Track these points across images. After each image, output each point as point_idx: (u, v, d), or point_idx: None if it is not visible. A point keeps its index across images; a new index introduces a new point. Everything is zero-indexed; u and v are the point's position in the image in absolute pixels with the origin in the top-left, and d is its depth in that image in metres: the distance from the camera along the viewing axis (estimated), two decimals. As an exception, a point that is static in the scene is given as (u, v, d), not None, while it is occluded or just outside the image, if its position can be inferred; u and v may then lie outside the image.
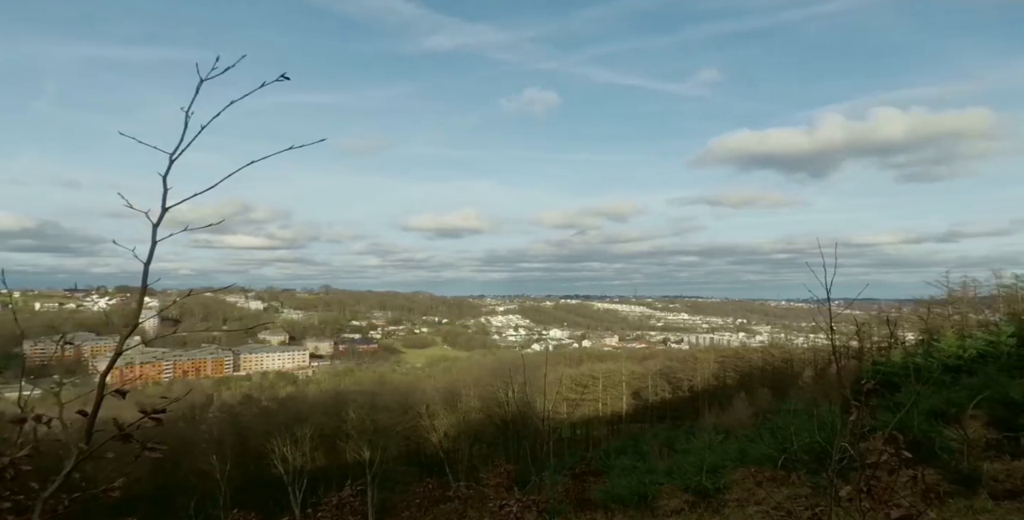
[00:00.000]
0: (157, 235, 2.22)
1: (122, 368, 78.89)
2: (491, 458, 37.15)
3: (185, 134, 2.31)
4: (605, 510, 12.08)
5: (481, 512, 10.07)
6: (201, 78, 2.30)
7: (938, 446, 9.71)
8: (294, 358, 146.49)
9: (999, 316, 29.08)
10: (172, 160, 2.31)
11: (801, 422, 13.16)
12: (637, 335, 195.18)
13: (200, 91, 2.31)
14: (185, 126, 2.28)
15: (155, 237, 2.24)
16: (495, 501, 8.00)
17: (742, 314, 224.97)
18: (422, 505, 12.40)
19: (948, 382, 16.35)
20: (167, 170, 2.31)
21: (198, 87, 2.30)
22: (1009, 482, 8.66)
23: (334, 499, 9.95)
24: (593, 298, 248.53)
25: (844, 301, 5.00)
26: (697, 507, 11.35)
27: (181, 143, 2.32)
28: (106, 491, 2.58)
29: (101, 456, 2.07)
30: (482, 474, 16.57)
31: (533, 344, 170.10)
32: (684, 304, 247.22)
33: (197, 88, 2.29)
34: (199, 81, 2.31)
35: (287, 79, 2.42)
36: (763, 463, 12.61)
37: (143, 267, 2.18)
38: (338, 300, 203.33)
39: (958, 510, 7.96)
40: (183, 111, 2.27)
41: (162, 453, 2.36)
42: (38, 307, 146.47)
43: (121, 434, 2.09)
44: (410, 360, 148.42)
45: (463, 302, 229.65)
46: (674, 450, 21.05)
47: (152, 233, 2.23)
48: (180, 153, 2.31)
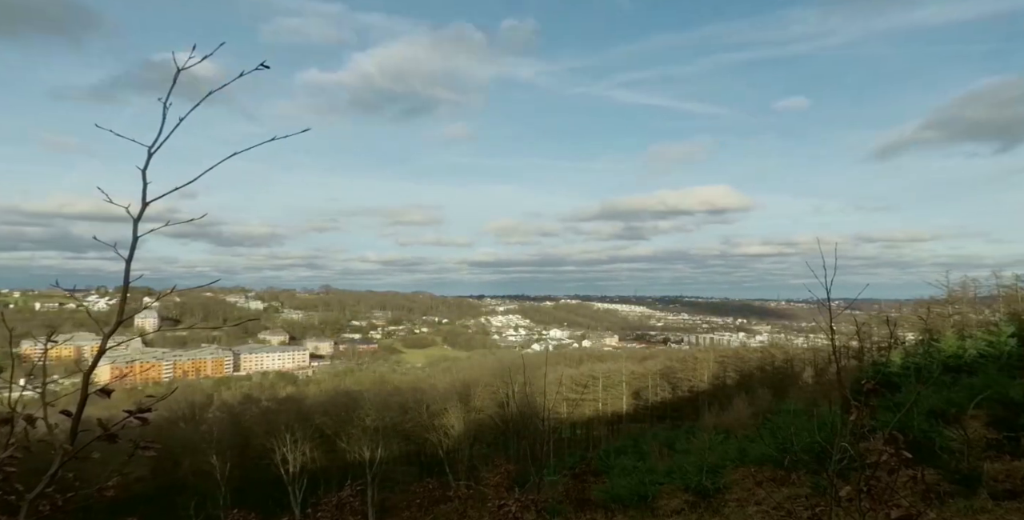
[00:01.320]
0: (139, 230, 2.16)
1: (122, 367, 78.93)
2: (491, 458, 37.11)
3: (163, 126, 2.22)
4: (605, 510, 12.06)
5: (481, 512, 10.04)
6: (178, 68, 2.21)
7: (938, 446, 9.68)
8: (294, 358, 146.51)
9: (999, 316, 29.04)
10: (151, 153, 2.22)
11: (801, 422, 13.12)
12: (637, 335, 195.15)
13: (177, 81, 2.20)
14: (163, 118, 2.20)
15: (136, 233, 2.18)
16: (494, 501, 7.97)
17: (742, 314, 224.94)
18: (422, 505, 12.36)
19: (948, 382, 16.32)
20: (146, 163, 2.22)
21: (175, 77, 2.21)
22: (1009, 482, 8.63)
23: (334, 499, 9.90)
24: (593, 298, 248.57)
25: (844, 301, 4.98)
26: (697, 507, 11.33)
27: (159, 136, 2.24)
28: (100, 490, 2.56)
29: (87, 456, 2.04)
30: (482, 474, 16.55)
31: (533, 344, 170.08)
32: (684, 304, 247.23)
33: (174, 78, 2.21)
34: (176, 71, 2.22)
35: (266, 68, 2.35)
36: (763, 463, 12.58)
37: (125, 264, 2.11)
38: (338, 300, 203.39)
39: (958, 510, 7.93)
40: (160, 102, 2.19)
41: (162, 453, 2.34)
42: (38, 307, 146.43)
43: (106, 434, 2.06)
44: (410, 360, 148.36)
45: (463, 302, 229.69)
46: (674, 450, 21.01)
47: (133, 229, 2.17)
48: (159, 146, 2.22)
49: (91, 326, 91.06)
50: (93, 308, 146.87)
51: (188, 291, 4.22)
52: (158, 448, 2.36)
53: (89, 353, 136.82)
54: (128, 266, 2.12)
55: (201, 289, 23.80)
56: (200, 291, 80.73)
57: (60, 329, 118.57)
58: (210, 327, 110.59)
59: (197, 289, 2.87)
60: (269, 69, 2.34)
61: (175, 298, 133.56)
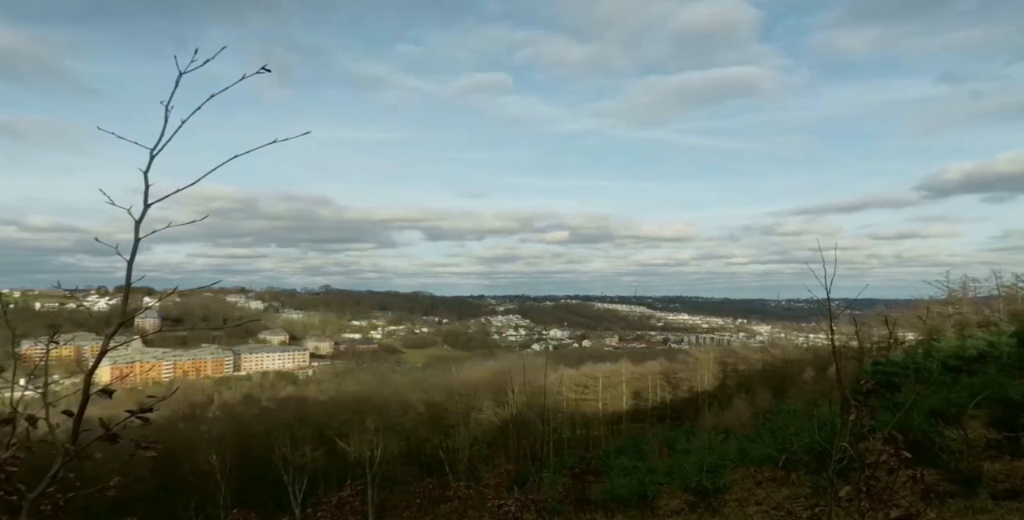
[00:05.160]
0: (140, 232, 2.18)
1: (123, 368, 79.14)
2: (491, 458, 37.20)
3: (165, 129, 2.25)
4: (605, 510, 12.07)
5: (481, 512, 10.05)
6: (180, 71, 2.23)
7: (938, 446, 9.68)
8: (294, 358, 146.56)
9: (1000, 316, 29.05)
10: (153, 156, 2.25)
11: (801, 422, 13.14)
12: (637, 335, 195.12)
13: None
14: (165, 121, 2.23)
15: (138, 234, 2.20)
16: (494, 501, 7.98)
17: (742, 314, 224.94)
18: (422, 505, 12.37)
19: (948, 382, 16.31)
20: (148, 166, 2.26)
21: (177, 80, 2.24)
22: (1009, 482, 8.64)
23: (334, 499, 9.91)
24: (593, 298, 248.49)
25: (844, 301, 4.99)
26: (697, 507, 11.34)
27: (162, 138, 2.27)
28: (102, 490, 2.57)
29: (88, 456, 2.05)
30: (482, 474, 16.55)
31: (533, 344, 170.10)
32: (684, 304, 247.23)
33: (176, 81, 2.24)
34: (178, 74, 2.25)
35: (267, 71, 2.37)
36: (763, 463, 12.59)
37: (127, 264, 2.13)
38: (338, 300, 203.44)
39: (958, 510, 7.94)
40: (162, 105, 2.22)
41: (162, 453, 2.34)
42: (38, 307, 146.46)
43: (107, 434, 2.07)
44: (410, 360, 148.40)
45: (463, 302, 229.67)
46: (674, 450, 21.00)
47: (135, 230, 2.19)
48: (161, 148, 2.25)
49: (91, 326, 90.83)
50: (93, 308, 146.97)
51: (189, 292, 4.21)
52: (159, 448, 2.37)
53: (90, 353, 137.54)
54: (130, 268, 2.14)
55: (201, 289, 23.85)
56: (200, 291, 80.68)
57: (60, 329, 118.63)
58: (211, 327, 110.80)
59: (198, 290, 2.88)
60: (270, 72, 2.37)
61: (176, 298, 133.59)
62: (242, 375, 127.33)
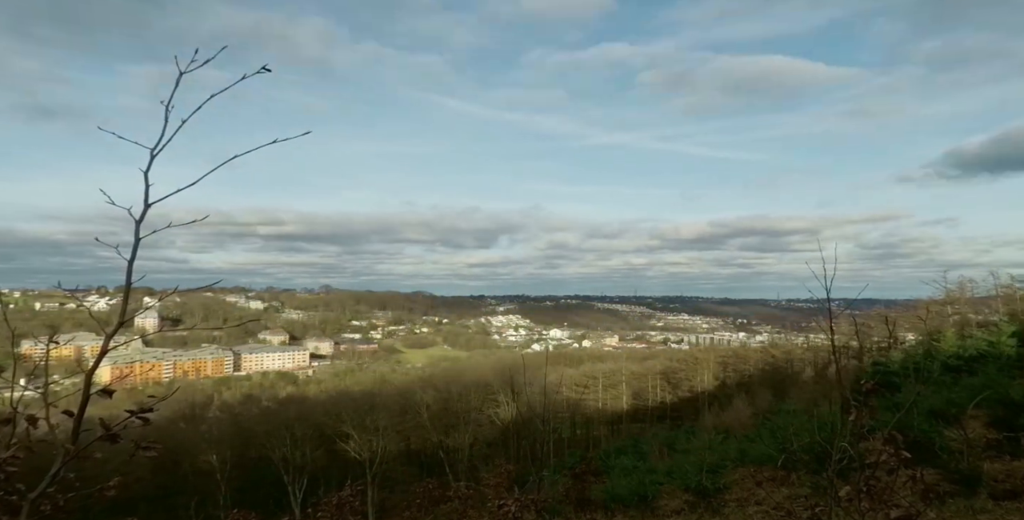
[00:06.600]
0: (140, 232, 2.18)
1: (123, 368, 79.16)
2: (491, 458, 37.17)
3: (166, 129, 2.25)
4: (605, 510, 12.06)
5: (481, 512, 10.04)
6: (180, 71, 2.23)
7: (938, 446, 9.67)
8: (294, 358, 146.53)
9: (999, 316, 29.05)
10: (153, 156, 2.25)
11: (801, 422, 13.12)
12: (637, 335, 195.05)
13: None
14: (165, 121, 2.23)
15: (138, 234, 2.20)
16: (494, 501, 7.97)
17: (742, 314, 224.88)
18: (422, 505, 12.36)
19: (948, 382, 16.31)
20: (148, 166, 2.25)
21: (177, 80, 2.23)
22: (1009, 482, 8.63)
23: (334, 499, 9.89)
24: (593, 298, 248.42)
25: (844, 301, 4.99)
26: (697, 507, 11.34)
27: (162, 138, 2.26)
28: (102, 490, 2.57)
29: (88, 456, 2.05)
30: (482, 474, 16.55)
31: (533, 344, 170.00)
32: (684, 304, 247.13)
33: (176, 81, 2.23)
34: (178, 74, 2.24)
35: (268, 71, 2.36)
36: (763, 463, 12.59)
37: (127, 265, 2.13)
38: (338, 300, 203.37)
39: (958, 510, 7.93)
40: (163, 105, 2.21)
41: (162, 453, 2.34)
42: (38, 307, 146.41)
43: (108, 434, 2.07)
44: (410, 360, 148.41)
45: (463, 302, 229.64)
46: (674, 450, 21.00)
47: (135, 230, 2.19)
48: (161, 148, 2.25)
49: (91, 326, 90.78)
50: (93, 308, 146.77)
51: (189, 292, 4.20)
52: (159, 448, 2.37)
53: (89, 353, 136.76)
54: (130, 268, 2.13)
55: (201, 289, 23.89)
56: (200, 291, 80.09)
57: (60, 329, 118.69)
58: (211, 327, 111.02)
59: (198, 290, 2.88)
60: (271, 72, 2.36)
61: (175, 298, 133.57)
62: (242, 375, 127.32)
